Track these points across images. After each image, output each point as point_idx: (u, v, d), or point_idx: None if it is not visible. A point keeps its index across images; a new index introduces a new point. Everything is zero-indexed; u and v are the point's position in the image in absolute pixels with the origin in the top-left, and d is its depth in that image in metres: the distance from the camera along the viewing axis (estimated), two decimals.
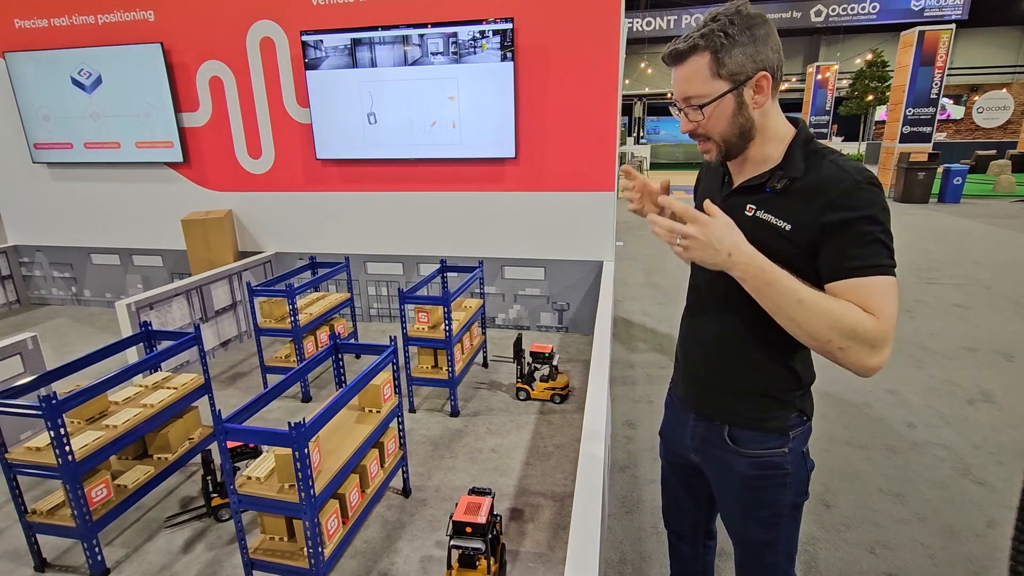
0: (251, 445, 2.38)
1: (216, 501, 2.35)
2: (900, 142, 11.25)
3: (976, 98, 19.89)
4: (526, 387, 3.37)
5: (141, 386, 2.55)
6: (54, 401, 1.90)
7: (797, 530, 1.28)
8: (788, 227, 1.03)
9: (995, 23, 19.26)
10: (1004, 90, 19.50)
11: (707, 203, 1.04)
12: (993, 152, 15.75)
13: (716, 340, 1.20)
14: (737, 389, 1.19)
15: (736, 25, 0.98)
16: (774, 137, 1.07)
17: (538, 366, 3.41)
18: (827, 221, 0.98)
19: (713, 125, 1.05)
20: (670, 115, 24.42)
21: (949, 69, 11.09)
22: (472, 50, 3.91)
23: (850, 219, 0.96)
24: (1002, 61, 20.44)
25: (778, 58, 1.02)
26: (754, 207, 1.09)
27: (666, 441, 1.46)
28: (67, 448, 1.95)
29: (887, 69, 17.53)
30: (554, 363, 3.36)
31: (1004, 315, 4.74)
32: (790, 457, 1.18)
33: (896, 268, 0.98)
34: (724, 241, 0.99)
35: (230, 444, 2.26)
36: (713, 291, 1.19)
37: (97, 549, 2.07)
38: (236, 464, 2.35)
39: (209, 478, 2.33)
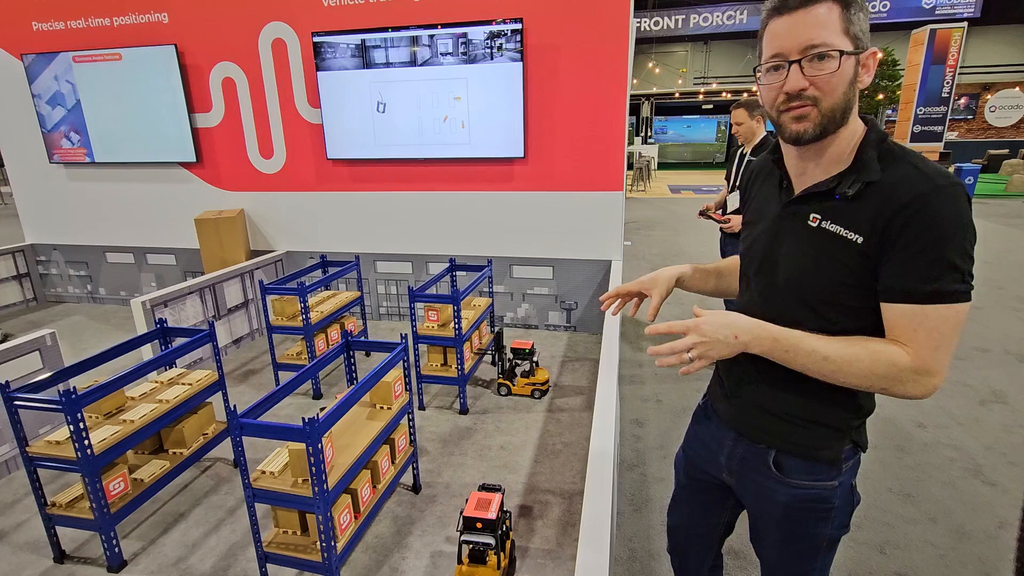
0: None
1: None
2: (911, 141, 11.16)
3: (988, 97, 19.65)
4: (507, 383, 3.44)
5: (157, 382, 2.59)
6: (74, 396, 1.94)
7: (831, 562, 1.17)
8: (860, 239, 0.91)
9: (1008, 21, 19.01)
10: (1017, 88, 19.25)
11: (695, 308, 1.00)
12: (1006, 151, 15.55)
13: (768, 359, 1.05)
14: (790, 414, 1.07)
15: None
16: (852, 133, 0.96)
17: (519, 362, 3.46)
18: (894, 228, 0.87)
19: (832, 87, 0.90)
20: (677, 115, 24.35)
21: (961, 68, 10.98)
22: (484, 50, 3.93)
23: (920, 231, 0.85)
24: (1015, 60, 20.17)
25: None
26: (819, 217, 0.97)
27: (692, 456, 1.33)
28: (86, 442, 1.99)
29: (898, 68, 17.35)
30: (534, 359, 3.41)
31: (1017, 315, 4.70)
32: (839, 491, 1.08)
33: (971, 291, 0.88)
34: (724, 330, 0.94)
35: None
36: (767, 306, 1.07)
37: (115, 541, 2.11)
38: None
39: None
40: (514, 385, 3.43)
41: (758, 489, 1.15)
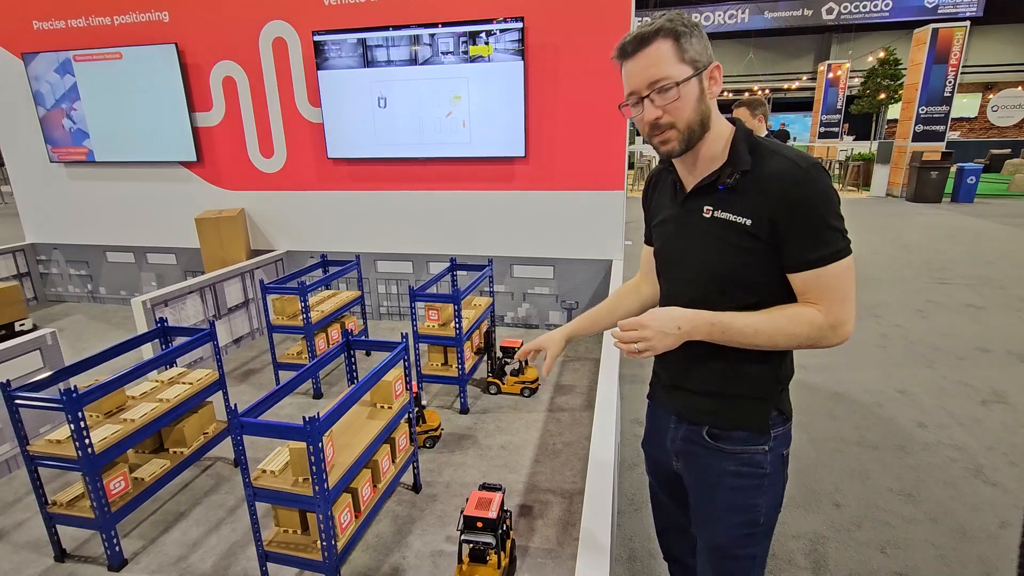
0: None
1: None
2: (913, 141, 11.13)
3: (991, 96, 19.62)
4: (496, 381, 3.46)
5: (157, 381, 2.59)
6: (74, 395, 1.94)
7: (766, 553, 1.25)
8: (748, 222, 1.04)
9: (1011, 20, 18.97)
10: (1020, 88, 19.22)
11: (620, 322, 1.10)
12: (1008, 151, 15.53)
13: (690, 343, 1.14)
14: (716, 391, 1.18)
15: (685, 20, 1.03)
16: (719, 134, 1.09)
17: (508, 360, 3.48)
18: (780, 212, 1.01)
19: (681, 111, 1.03)
20: None
21: (963, 67, 10.95)
22: (483, 49, 3.92)
23: (801, 208, 1.00)
24: (1017, 59, 20.13)
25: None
26: (711, 208, 1.10)
27: (649, 452, 1.42)
28: (87, 441, 1.99)
29: (900, 67, 17.33)
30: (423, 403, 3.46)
31: (1018, 315, 4.69)
32: (770, 457, 1.17)
33: (850, 244, 1.03)
34: (668, 323, 1.05)
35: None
36: (684, 295, 1.17)
37: (115, 540, 2.12)
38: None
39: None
40: (504, 384, 3.44)
41: (698, 463, 1.24)
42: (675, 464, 1.31)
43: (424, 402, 2.98)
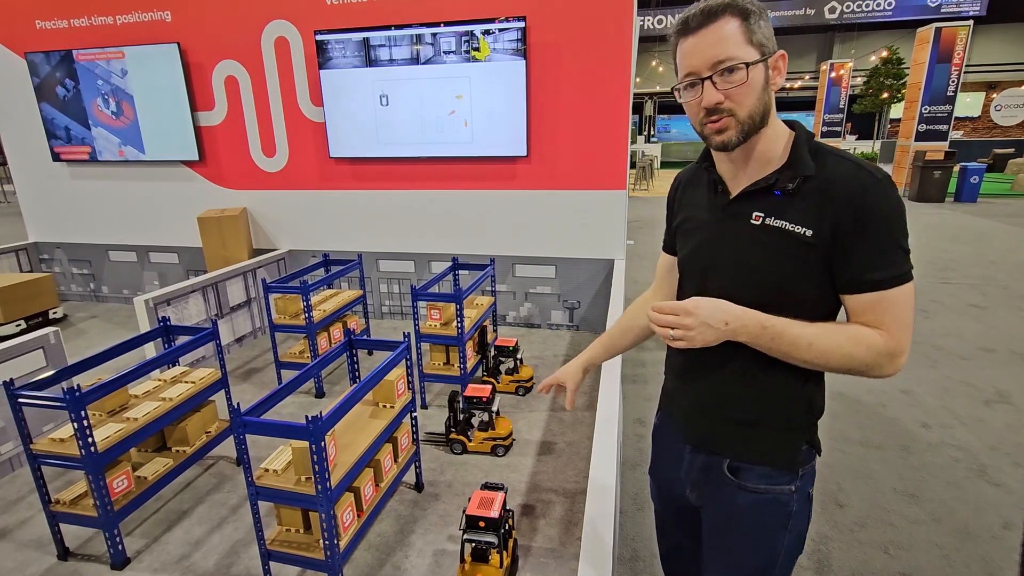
0: (484, 398, 2.78)
1: (453, 435, 2.82)
2: (916, 140, 11.10)
3: (994, 95, 19.55)
4: (492, 380, 3.40)
5: (160, 380, 2.60)
6: (77, 394, 1.94)
7: None
8: (809, 232, 0.94)
9: (1014, 19, 18.91)
10: (1023, 87, 19.16)
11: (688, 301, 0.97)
12: (1011, 150, 15.49)
13: (719, 363, 1.06)
14: (743, 419, 1.07)
15: (754, 0, 0.94)
16: (777, 133, 0.99)
17: (503, 359, 3.44)
18: (846, 222, 0.91)
19: (744, 97, 0.93)
20: (681, 113, 24.26)
21: (966, 66, 10.92)
22: (480, 53, 3.92)
23: (872, 221, 0.90)
24: (1021, 58, 20.07)
25: None
26: (762, 214, 0.98)
27: (657, 479, 1.32)
28: (90, 440, 2.00)
29: (903, 66, 17.28)
30: (518, 356, 3.42)
31: (1022, 315, 4.68)
32: (797, 497, 1.07)
33: (913, 268, 0.94)
34: (715, 314, 0.94)
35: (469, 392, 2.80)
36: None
37: (118, 539, 2.12)
38: (472, 411, 2.83)
39: (451, 415, 2.79)
40: (498, 383, 3.43)
41: (718, 497, 1.13)
42: (689, 494, 1.20)
43: (495, 408, 2.81)
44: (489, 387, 2.82)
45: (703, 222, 1.10)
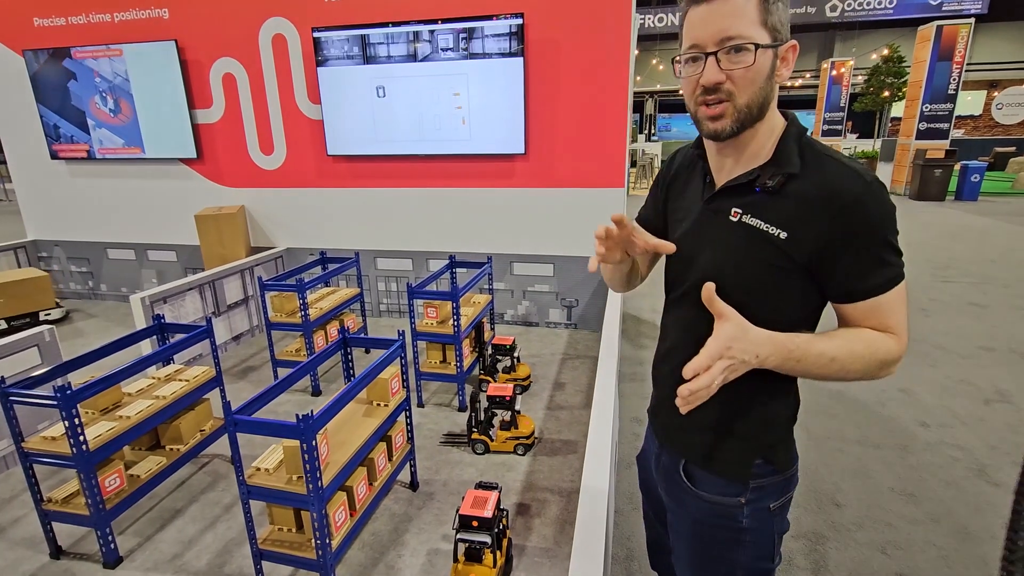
0: (507, 397, 2.73)
1: (475, 435, 2.76)
2: (916, 139, 11.07)
3: (996, 94, 19.49)
4: (488, 379, 3.38)
5: (154, 378, 2.58)
6: (69, 391, 1.93)
7: None
8: (784, 235, 0.89)
9: (1016, 17, 18.83)
10: None
11: (724, 310, 0.85)
12: (1012, 149, 15.42)
13: (681, 363, 0.98)
14: (701, 422, 1.03)
15: None
16: (771, 127, 0.94)
17: (500, 358, 3.44)
18: (835, 232, 0.86)
19: (746, 82, 0.87)
20: (682, 112, 24.28)
21: (967, 64, 10.88)
22: (482, 46, 3.90)
23: (865, 230, 0.86)
24: (1022, 56, 20.00)
25: None
26: (740, 211, 0.93)
27: (640, 467, 1.34)
28: (82, 438, 1.98)
29: (904, 65, 17.23)
30: (515, 355, 3.41)
31: (1022, 314, 4.65)
32: (747, 511, 1.01)
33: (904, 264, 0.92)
34: (750, 348, 0.84)
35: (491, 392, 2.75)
36: (688, 313, 1.04)
37: (111, 537, 2.11)
38: (494, 410, 2.78)
39: (473, 415, 2.75)
40: (495, 381, 3.42)
41: (676, 500, 1.13)
42: (661, 491, 1.20)
43: (518, 407, 2.77)
44: (511, 385, 2.80)
45: (688, 213, 1.06)
